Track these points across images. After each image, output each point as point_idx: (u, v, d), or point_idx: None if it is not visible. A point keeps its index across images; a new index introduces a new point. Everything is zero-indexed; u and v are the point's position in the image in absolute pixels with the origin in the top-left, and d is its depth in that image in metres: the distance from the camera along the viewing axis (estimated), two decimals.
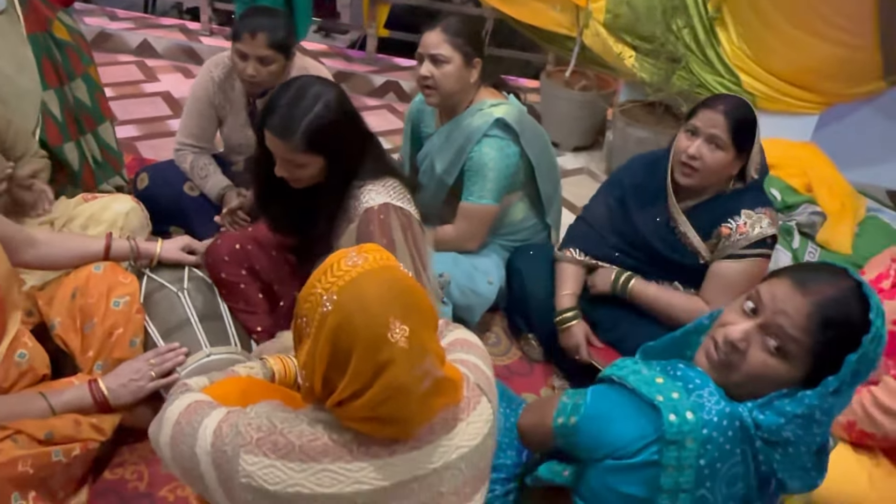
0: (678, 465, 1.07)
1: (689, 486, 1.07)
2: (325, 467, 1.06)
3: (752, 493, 1.12)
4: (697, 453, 1.06)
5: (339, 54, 4.62)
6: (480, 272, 2.28)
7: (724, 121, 1.88)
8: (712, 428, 1.07)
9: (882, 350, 1.08)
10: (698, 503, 1.08)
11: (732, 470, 1.08)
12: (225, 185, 2.53)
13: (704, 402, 1.09)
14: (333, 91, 1.74)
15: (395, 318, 1.02)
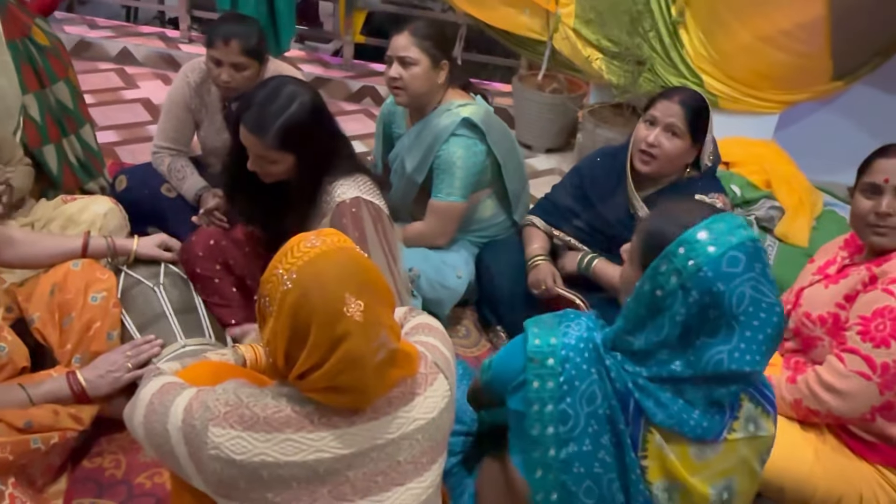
0: (540, 380, 1.22)
1: (552, 400, 1.21)
2: (288, 437, 1.13)
3: (617, 415, 1.21)
4: (556, 371, 1.21)
5: (316, 60, 4.70)
6: (449, 266, 2.36)
7: (681, 110, 1.99)
8: (569, 349, 1.22)
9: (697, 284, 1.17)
10: (560, 416, 1.21)
11: (590, 388, 1.20)
12: (202, 187, 2.60)
13: (569, 330, 1.25)
14: (308, 92, 1.82)
15: (350, 294, 1.10)
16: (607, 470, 1.22)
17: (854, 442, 1.79)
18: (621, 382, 1.21)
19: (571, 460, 1.22)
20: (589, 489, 1.22)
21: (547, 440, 1.23)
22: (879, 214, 1.72)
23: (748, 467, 1.28)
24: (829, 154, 3.15)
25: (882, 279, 1.70)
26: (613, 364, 1.22)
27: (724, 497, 1.25)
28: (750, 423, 1.26)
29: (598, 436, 1.21)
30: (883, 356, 1.63)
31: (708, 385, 1.20)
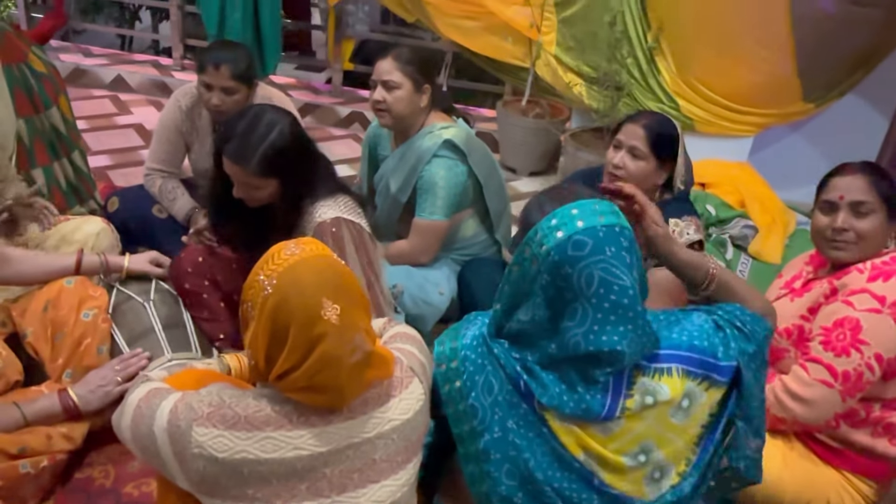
0: (449, 383, 1.31)
1: (460, 398, 1.30)
2: (268, 435, 1.19)
3: (513, 398, 1.28)
4: (459, 371, 1.30)
5: (306, 87, 4.81)
6: (432, 283, 2.43)
7: (644, 133, 2.07)
8: (466, 349, 1.31)
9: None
10: (471, 412, 1.29)
11: (487, 379, 1.28)
12: (192, 207, 2.67)
13: (467, 331, 1.34)
14: (286, 118, 1.90)
15: (327, 298, 1.17)
16: (520, 451, 1.28)
17: (820, 448, 1.85)
18: (510, 367, 1.28)
19: (488, 449, 1.29)
20: (510, 471, 1.29)
21: (466, 436, 1.31)
22: (836, 230, 1.79)
23: (663, 427, 1.30)
24: (801, 175, 3.25)
25: (842, 291, 1.77)
26: (501, 351, 1.30)
27: (641, 460, 1.29)
28: (647, 395, 1.28)
29: (504, 421, 1.28)
30: (844, 364, 1.70)
31: (579, 365, 1.26)
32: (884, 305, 1.69)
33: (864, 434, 1.81)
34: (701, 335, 1.32)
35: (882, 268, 1.75)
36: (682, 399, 1.29)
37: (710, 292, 1.42)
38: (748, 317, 1.36)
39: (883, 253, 1.77)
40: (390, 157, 2.52)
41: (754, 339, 1.34)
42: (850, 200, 1.77)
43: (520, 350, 1.31)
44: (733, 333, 1.33)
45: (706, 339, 1.32)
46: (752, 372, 1.34)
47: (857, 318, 1.70)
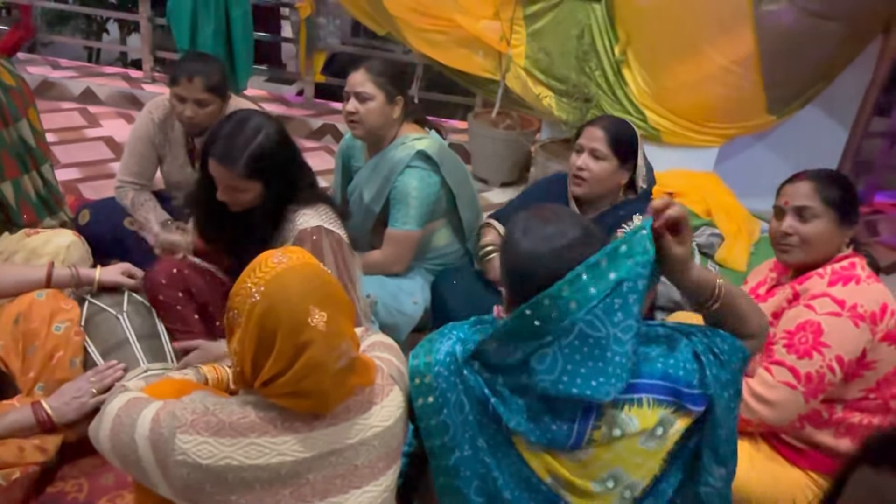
0: (423, 397, 1.31)
1: (434, 413, 1.30)
2: (252, 441, 1.21)
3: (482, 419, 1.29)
4: (432, 386, 1.30)
5: (278, 99, 4.81)
6: (406, 293, 2.46)
7: (603, 134, 2.16)
8: (440, 364, 1.31)
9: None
10: (442, 428, 1.29)
11: (459, 397, 1.29)
12: (165, 219, 2.67)
13: (441, 346, 1.33)
14: (272, 123, 1.93)
15: (314, 305, 1.19)
16: (489, 469, 1.29)
17: (786, 449, 1.91)
18: (479, 389, 1.28)
19: (458, 466, 1.30)
20: (478, 488, 1.30)
21: (437, 450, 1.32)
22: (781, 233, 1.88)
23: (632, 454, 1.29)
24: (765, 184, 3.33)
25: (804, 296, 1.84)
26: (470, 373, 1.30)
27: (609, 486, 1.30)
28: (615, 428, 1.27)
29: (474, 440, 1.29)
30: (806, 367, 1.76)
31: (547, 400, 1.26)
32: (843, 309, 1.75)
33: (828, 434, 1.87)
34: (676, 364, 1.31)
35: (841, 273, 1.81)
36: (656, 427, 1.29)
37: (714, 309, 1.36)
38: (726, 345, 1.33)
39: (842, 258, 1.84)
40: (363, 168, 2.54)
41: (728, 368, 1.33)
42: (794, 205, 1.85)
43: (492, 373, 1.30)
44: (709, 360, 1.31)
45: (681, 368, 1.30)
46: (724, 401, 1.32)
47: (819, 321, 1.76)
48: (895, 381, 1.84)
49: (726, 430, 1.33)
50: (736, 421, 1.37)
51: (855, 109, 3.71)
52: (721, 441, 1.33)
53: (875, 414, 1.85)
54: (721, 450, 1.34)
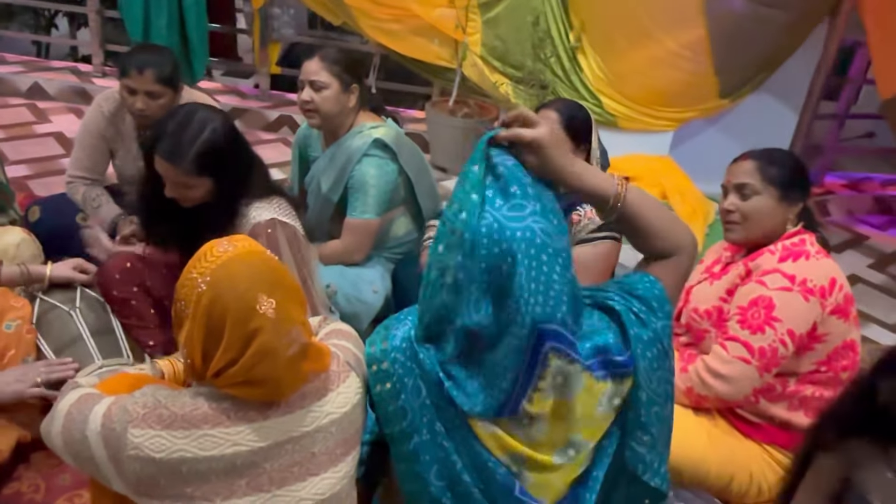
0: (380, 384, 1.31)
1: (391, 400, 1.30)
2: (206, 432, 1.19)
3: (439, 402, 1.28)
4: (389, 373, 1.30)
5: (232, 91, 4.75)
6: (366, 282, 2.45)
7: (557, 116, 2.16)
8: (396, 350, 1.30)
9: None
10: (401, 413, 1.29)
11: (416, 382, 1.28)
12: (118, 214, 2.61)
13: (397, 332, 1.33)
14: (219, 117, 1.89)
15: (262, 292, 1.17)
16: (448, 453, 1.29)
17: (742, 424, 1.94)
18: (434, 373, 1.28)
19: (417, 451, 1.29)
20: (438, 472, 1.30)
21: (397, 436, 1.31)
22: (723, 211, 1.93)
23: (588, 420, 1.28)
24: (719, 167, 3.38)
25: (756, 272, 1.87)
26: (426, 356, 1.29)
27: (571, 454, 1.30)
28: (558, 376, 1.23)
29: (432, 424, 1.29)
30: (759, 341, 1.80)
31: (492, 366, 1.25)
32: (794, 284, 1.79)
33: (782, 408, 1.91)
34: (603, 335, 1.29)
35: (792, 249, 1.85)
36: (606, 397, 1.29)
37: (618, 214, 1.28)
38: (644, 304, 1.29)
39: (792, 234, 1.88)
40: (321, 158, 2.52)
41: (650, 327, 1.28)
42: (735, 183, 1.90)
43: (440, 352, 1.30)
44: (630, 320, 1.28)
45: (608, 337, 1.29)
46: (647, 361, 1.27)
47: (770, 296, 1.80)
48: (845, 354, 1.88)
49: (649, 393, 1.29)
50: (664, 385, 1.32)
51: (804, 93, 3.79)
52: (643, 404, 1.29)
53: (827, 386, 1.89)
54: (643, 414, 1.30)
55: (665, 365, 1.30)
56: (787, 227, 1.89)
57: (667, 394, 1.32)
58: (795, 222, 1.91)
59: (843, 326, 1.85)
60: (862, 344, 1.97)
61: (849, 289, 1.87)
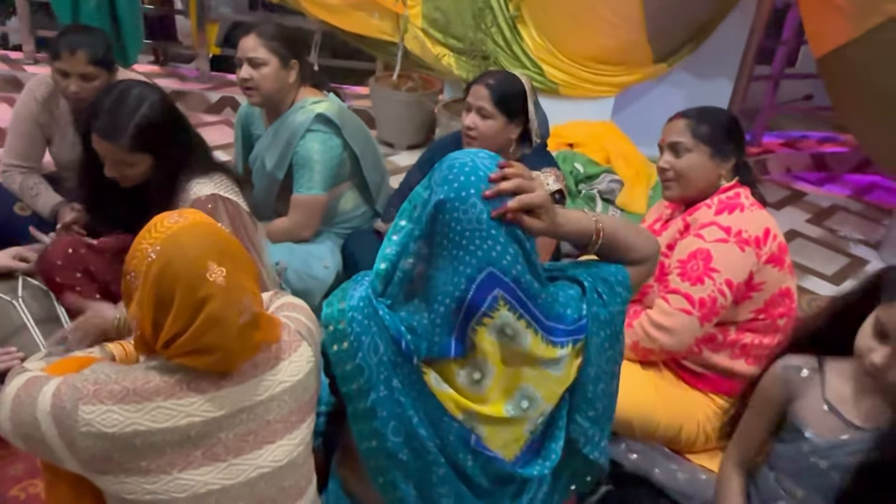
0: (337, 344, 1.32)
1: (349, 359, 1.31)
2: (159, 405, 1.19)
3: (396, 358, 1.31)
4: (346, 332, 1.32)
5: (172, 74, 4.66)
6: (316, 258, 2.45)
7: (487, 92, 2.17)
8: (353, 310, 1.32)
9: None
10: (358, 372, 1.31)
11: (373, 340, 1.30)
12: (58, 202, 2.55)
13: (354, 292, 1.35)
14: (156, 92, 1.86)
15: (212, 260, 1.18)
16: (404, 409, 1.31)
17: (687, 375, 2.01)
18: (394, 327, 1.30)
19: (375, 407, 1.31)
20: (395, 428, 1.32)
21: (354, 395, 1.33)
22: (659, 169, 1.98)
23: (535, 374, 1.31)
24: (660, 130, 3.48)
25: (693, 226, 1.93)
26: (385, 311, 1.32)
27: (524, 406, 1.32)
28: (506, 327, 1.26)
29: (389, 380, 1.31)
30: (699, 292, 1.86)
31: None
32: (730, 235, 1.85)
33: (724, 356, 1.98)
34: (565, 303, 1.34)
35: (727, 202, 1.92)
36: (560, 360, 1.32)
37: (598, 250, 1.39)
38: (608, 287, 1.37)
39: (727, 188, 1.94)
40: (264, 136, 2.51)
41: (609, 309, 1.36)
42: (668, 142, 1.96)
43: (393, 300, 1.33)
44: (592, 298, 1.35)
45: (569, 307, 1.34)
46: (599, 339, 1.35)
47: (708, 248, 1.86)
48: (781, 302, 1.96)
49: (597, 370, 1.37)
50: (612, 365, 1.40)
51: (740, 56, 3.88)
52: (591, 380, 1.36)
53: (766, 334, 1.97)
54: (591, 390, 1.37)
55: (616, 346, 1.40)
56: (721, 182, 1.95)
57: (613, 372, 1.42)
58: (730, 177, 1.97)
59: (779, 275, 1.92)
60: (801, 295, 2.07)
61: (782, 238, 1.95)
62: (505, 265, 1.24)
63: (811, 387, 1.44)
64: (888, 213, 3.85)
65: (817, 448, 1.41)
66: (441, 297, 1.26)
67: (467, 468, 1.34)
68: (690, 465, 1.96)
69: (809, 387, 1.45)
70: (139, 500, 1.21)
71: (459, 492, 1.37)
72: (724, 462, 1.62)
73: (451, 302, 1.25)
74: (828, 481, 1.40)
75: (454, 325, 1.27)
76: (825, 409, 1.41)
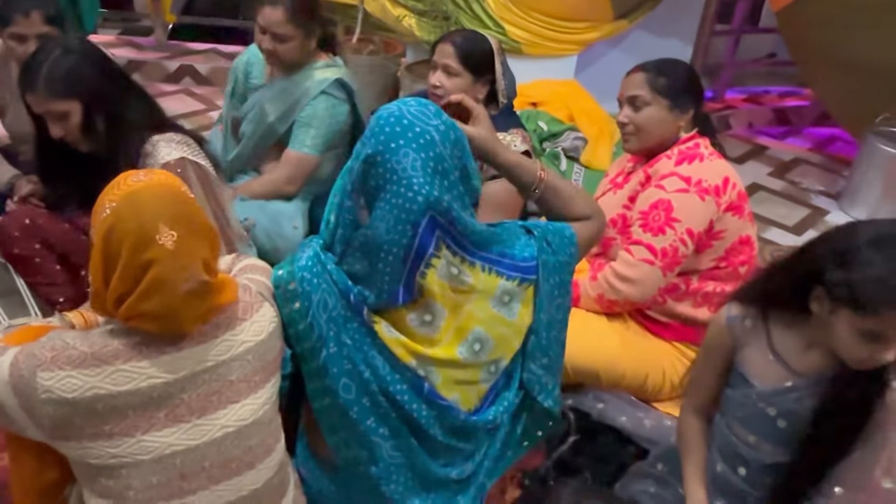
0: (288, 304, 1.34)
1: (300, 318, 1.33)
2: (118, 368, 1.18)
3: (346, 312, 1.32)
4: (297, 292, 1.33)
5: (128, 44, 4.55)
6: (286, 217, 2.45)
7: (453, 50, 2.14)
8: (303, 270, 1.33)
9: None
10: (309, 330, 1.33)
11: (322, 296, 1.32)
12: (13, 175, 2.49)
13: (304, 253, 1.36)
14: (76, 40, 1.83)
15: (164, 224, 1.16)
16: (355, 364, 1.33)
17: (651, 324, 2.05)
18: (341, 281, 1.32)
19: (327, 365, 1.33)
20: (346, 385, 1.34)
21: (307, 353, 1.35)
22: (619, 123, 1.99)
23: (487, 316, 1.33)
24: None
25: (654, 178, 1.95)
26: (332, 266, 1.33)
27: (476, 349, 1.34)
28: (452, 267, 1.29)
29: (338, 336, 1.32)
30: (661, 242, 1.88)
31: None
32: (690, 185, 1.87)
33: (687, 305, 2.01)
34: (512, 244, 1.37)
35: (686, 153, 1.93)
36: (501, 294, 1.34)
37: (539, 193, 1.46)
38: (558, 237, 1.40)
39: (687, 139, 1.96)
40: (268, 87, 2.51)
41: (558, 256, 1.39)
42: (627, 96, 1.97)
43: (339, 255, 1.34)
44: (542, 246, 1.38)
45: (517, 248, 1.37)
46: (549, 286, 1.38)
47: (669, 199, 1.88)
48: (742, 250, 1.99)
49: (549, 317, 1.40)
50: (563, 313, 1.44)
51: (700, 12, 3.89)
52: (543, 326, 1.40)
53: (727, 281, 2.00)
54: (544, 337, 1.41)
55: (564, 295, 1.43)
56: (680, 134, 1.96)
57: (564, 321, 1.46)
58: (689, 128, 1.98)
59: (739, 223, 1.95)
60: (764, 245, 2.10)
61: (742, 187, 1.97)
62: (443, 207, 1.25)
63: (756, 336, 1.47)
64: (848, 164, 3.90)
65: (763, 394, 1.44)
66: (387, 247, 1.26)
67: (422, 419, 1.36)
68: (657, 413, 2.00)
69: (754, 336, 1.47)
70: (104, 464, 1.21)
71: (410, 447, 1.39)
72: (682, 409, 1.65)
73: (398, 250, 1.26)
74: (776, 428, 1.44)
75: (402, 272, 1.28)
76: (770, 359, 1.44)
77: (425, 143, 1.25)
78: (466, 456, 1.47)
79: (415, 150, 1.24)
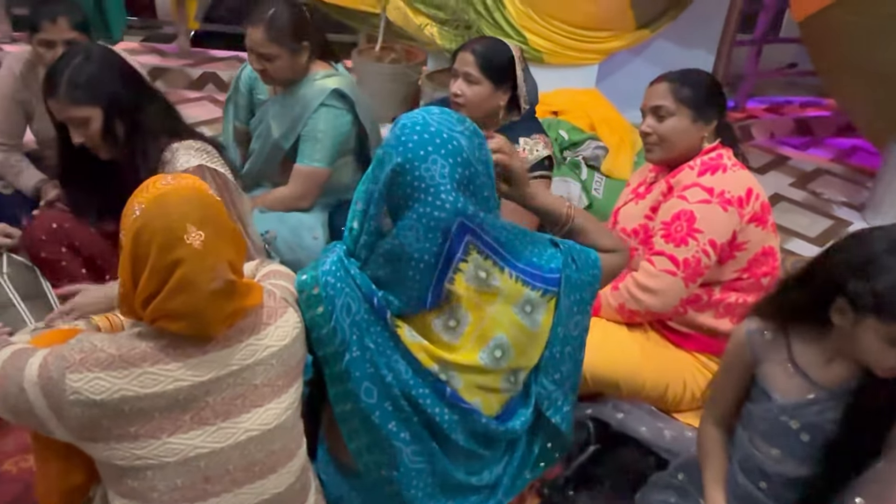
0: (311, 309, 1.34)
1: (324, 322, 1.33)
2: (145, 370, 1.20)
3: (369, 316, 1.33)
4: (320, 296, 1.33)
5: (151, 51, 4.60)
6: (306, 228, 2.46)
7: (473, 58, 2.15)
8: (327, 274, 1.34)
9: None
10: (333, 334, 1.33)
11: (346, 300, 1.32)
12: (40, 179, 2.53)
13: (327, 258, 1.37)
14: (100, 47, 1.85)
15: (192, 224, 1.18)
16: (378, 368, 1.33)
17: (672, 335, 2.04)
18: (365, 285, 1.32)
19: (349, 369, 1.33)
20: (368, 389, 1.34)
21: (329, 357, 1.35)
22: (642, 133, 1.99)
23: (510, 323, 1.34)
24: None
25: (677, 188, 1.94)
26: (356, 271, 1.33)
27: (497, 356, 1.35)
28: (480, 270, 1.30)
29: (361, 340, 1.33)
30: (683, 253, 1.88)
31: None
32: (713, 196, 1.87)
33: (709, 316, 2.01)
34: (540, 255, 1.37)
35: (709, 163, 1.93)
36: (524, 304, 1.34)
37: (566, 231, 1.47)
38: (583, 257, 1.41)
39: (710, 150, 1.95)
40: (270, 102, 2.51)
41: (582, 273, 1.39)
42: (651, 106, 1.96)
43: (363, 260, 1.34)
44: (567, 261, 1.38)
45: (544, 259, 1.37)
46: (569, 302, 1.38)
47: (691, 210, 1.87)
48: (764, 261, 1.98)
49: (566, 332, 1.41)
50: (581, 331, 1.44)
51: (722, 22, 3.88)
52: (559, 340, 1.40)
53: (749, 293, 1.99)
54: (558, 351, 1.42)
55: (584, 313, 1.43)
56: (703, 144, 1.96)
57: (580, 340, 1.46)
58: (712, 139, 1.98)
59: (762, 234, 1.94)
60: (786, 256, 2.08)
61: (765, 198, 1.96)
62: (471, 211, 1.26)
63: (776, 349, 1.46)
64: (871, 175, 3.87)
65: (785, 408, 1.43)
66: (418, 255, 1.27)
67: (444, 423, 1.36)
68: (677, 423, 1.99)
69: (774, 349, 1.46)
70: (129, 465, 1.22)
71: (432, 451, 1.39)
72: (703, 419, 1.64)
73: (429, 258, 1.27)
74: (800, 442, 1.43)
75: (431, 279, 1.29)
76: (791, 372, 1.43)
77: (453, 149, 1.26)
78: (486, 463, 1.47)
79: (443, 156, 1.25)
